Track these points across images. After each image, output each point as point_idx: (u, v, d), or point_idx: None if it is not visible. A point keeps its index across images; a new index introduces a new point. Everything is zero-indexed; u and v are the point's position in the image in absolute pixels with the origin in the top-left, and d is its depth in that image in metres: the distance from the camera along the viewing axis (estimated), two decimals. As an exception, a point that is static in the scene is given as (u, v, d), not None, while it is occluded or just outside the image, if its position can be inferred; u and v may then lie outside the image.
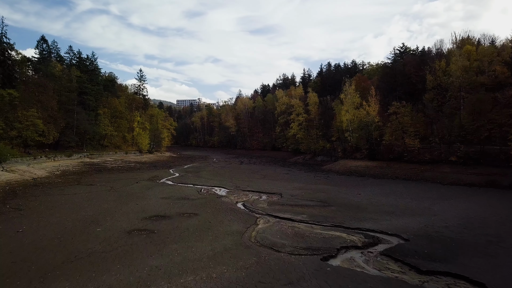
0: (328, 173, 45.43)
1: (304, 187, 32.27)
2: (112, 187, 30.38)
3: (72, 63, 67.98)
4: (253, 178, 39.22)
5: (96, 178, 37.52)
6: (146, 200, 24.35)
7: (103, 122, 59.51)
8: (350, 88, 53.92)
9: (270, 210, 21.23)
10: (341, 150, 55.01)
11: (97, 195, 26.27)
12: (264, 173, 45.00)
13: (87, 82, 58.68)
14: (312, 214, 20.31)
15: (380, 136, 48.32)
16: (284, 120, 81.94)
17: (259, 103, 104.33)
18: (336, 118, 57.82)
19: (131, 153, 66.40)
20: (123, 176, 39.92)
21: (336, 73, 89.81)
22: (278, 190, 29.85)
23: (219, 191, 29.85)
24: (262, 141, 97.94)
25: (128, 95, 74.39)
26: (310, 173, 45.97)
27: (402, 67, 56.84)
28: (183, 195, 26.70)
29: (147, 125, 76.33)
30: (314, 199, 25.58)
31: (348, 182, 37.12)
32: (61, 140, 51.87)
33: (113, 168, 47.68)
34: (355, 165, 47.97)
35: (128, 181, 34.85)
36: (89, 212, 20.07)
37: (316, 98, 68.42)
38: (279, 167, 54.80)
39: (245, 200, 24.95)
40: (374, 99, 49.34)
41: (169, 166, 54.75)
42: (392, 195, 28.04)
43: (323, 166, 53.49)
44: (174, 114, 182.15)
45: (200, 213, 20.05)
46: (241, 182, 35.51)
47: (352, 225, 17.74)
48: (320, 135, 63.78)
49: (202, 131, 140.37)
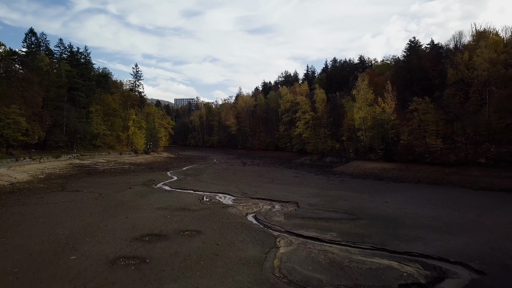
0: (341, 176, 41.80)
1: (320, 193, 28.62)
2: (100, 194, 26.63)
3: (63, 57, 64.12)
4: (260, 182, 35.55)
5: (84, 182, 33.73)
6: (138, 211, 20.62)
7: (95, 120, 55.67)
8: (363, 83, 50.29)
9: (289, 226, 17.56)
10: (353, 151, 51.41)
11: (81, 204, 22.52)
12: (271, 176, 41.33)
13: (78, 77, 54.82)
14: (343, 231, 16.67)
15: (397, 136, 44.72)
16: (288, 118, 78.24)
17: (261, 101, 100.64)
18: (346, 116, 54.24)
19: (125, 153, 62.59)
20: (115, 180, 36.15)
21: (342, 69, 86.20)
22: (292, 197, 26.19)
23: (224, 198, 26.15)
24: (264, 141, 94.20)
25: (123, 92, 70.52)
26: (321, 176, 42.32)
27: (418, 61, 53.23)
28: (183, 204, 22.99)
29: (143, 124, 72.50)
30: (337, 209, 21.93)
31: (367, 186, 33.50)
32: (49, 140, 48.06)
33: (105, 171, 43.88)
34: (370, 167, 44.35)
35: (119, 186, 31.10)
36: (67, 229, 16.34)
37: (323, 95, 64.79)
38: (286, 169, 51.14)
39: (256, 211, 21.27)
40: (391, 95, 45.72)
41: (167, 168, 51.00)
42: (425, 203, 24.43)
43: (334, 168, 49.85)
44: (172, 113, 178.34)
45: (204, 231, 16.36)
46: (247, 187, 31.82)
47: (399, 248, 14.10)
48: (328, 134, 60.17)
49: (201, 130, 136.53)
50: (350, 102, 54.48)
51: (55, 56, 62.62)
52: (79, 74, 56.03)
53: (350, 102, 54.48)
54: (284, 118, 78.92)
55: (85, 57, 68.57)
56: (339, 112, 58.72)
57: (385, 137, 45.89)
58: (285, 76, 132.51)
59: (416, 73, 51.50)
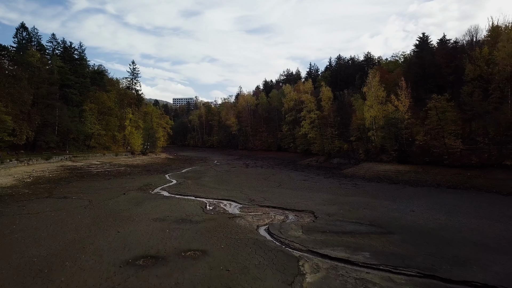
0: (353, 179, 39.18)
1: (336, 200, 25.98)
2: (90, 202, 23.94)
3: (56, 53, 61.27)
4: (267, 187, 32.88)
5: (74, 187, 31.00)
6: (132, 223, 17.93)
7: (89, 119, 52.89)
8: (374, 80, 47.67)
9: (311, 243, 14.90)
10: (363, 152, 48.80)
11: (67, 215, 19.82)
12: (277, 180, 38.68)
13: (71, 73, 52.06)
14: (376, 250, 14.03)
15: (412, 136, 42.15)
16: (292, 117, 75.70)
17: (263, 100, 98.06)
18: (355, 115, 51.64)
19: (122, 154, 59.84)
20: (108, 184, 33.43)
21: (348, 67, 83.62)
22: (306, 205, 23.55)
23: (230, 206, 23.47)
24: (266, 141, 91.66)
25: (119, 90, 67.73)
26: (331, 179, 39.68)
27: (431, 57, 50.67)
28: (183, 214, 20.31)
29: (141, 123, 69.80)
30: (360, 220, 19.29)
31: (384, 191, 30.89)
32: (39, 141, 45.29)
33: (99, 174, 41.14)
34: (384, 170, 41.73)
35: (113, 192, 28.40)
36: (44, 249, 13.65)
37: (329, 93, 62.19)
38: (292, 172, 48.48)
39: (269, 223, 18.60)
40: (405, 93, 43.11)
41: (165, 171, 48.29)
42: (456, 212, 21.82)
43: (343, 170, 47.22)
44: (170, 112, 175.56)
45: (210, 250, 13.68)
46: (254, 192, 29.15)
47: (453, 275, 11.47)
48: (335, 134, 57.57)
49: (200, 130, 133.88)
50: (359, 100, 51.92)
51: (48, 52, 59.78)
52: (72, 71, 53.28)
53: (359, 100, 51.92)
54: (288, 117, 76.38)
55: (80, 53, 65.90)
56: (347, 111, 56.15)
57: (399, 137, 43.32)
58: (286, 74, 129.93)
59: (430, 70, 48.90)
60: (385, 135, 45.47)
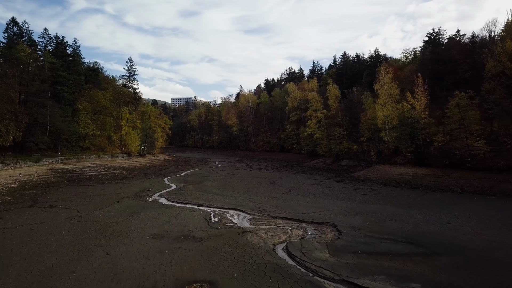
0: (367, 183, 36.51)
1: (356, 208, 23.31)
2: (79, 212, 21.21)
3: (48, 49, 58.44)
4: (276, 193, 30.18)
5: (63, 193, 28.24)
6: (125, 242, 15.22)
7: (82, 119, 50.04)
8: (386, 76, 44.99)
9: (343, 269, 12.20)
10: (375, 153, 46.13)
11: (49, 229, 17.10)
12: (286, 184, 35.99)
13: (63, 69, 49.23)
14: (427, 279, 11.39)
15: (429, 136, 39.50)
16: (297, 117, 72.94)
17: (265, 99, 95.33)
18: (366, 114, 48.96)
19: (118, 156, 57.04)
20: (101, 190, 30.67)
21: (354, 64, 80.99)
22: (325, 215, 20.87)
23: (238, 217, 20.75)
24: (269, 142, 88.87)
25: (115, 88, 64.88)
26: (344, 183, 36.99)
27: (447, 53, 48.05)
28: (185, 228, 17.60)
29: (138, 123, 66.97)
30: (393, 235, 16.62)
31: (405, 198, 28.25)
32: (28, 142, 42.46)
33: (92, 178, 38.36)
34: (399, 173, 39.06)
35: (106, 199, 25.68)
36: (11, 281, 10.96)
37: (337, 91, 59.47)
38: (299, 175, 45.78)
39: (286, 240, 15.91)
40: (421, 90, 40.44)
41: (164, 174, 45.54)
42: (497, 224, 19.21)
43: (354, 173, 44.55)
44: (169, 112, 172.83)
45: (220, 282, 11.00)
46: (263, 199, 26.45)
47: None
48: (344, 134, 54.86)
49: (200, 130, 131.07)
50: (370, 99, 49.22)
51: (39, 47, 56.93)
52: (64, 67, 50.42)
53: (370, 99, 49.22)
54: (292, 117, 73.60)
55: (74, 50, 63.08)
56: (356, 110, 53.47)
57: (415, 138, 40.64)
58: (288, 73, 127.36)
59: (446, 66, 46.23)
60: (399, 135, 42.82)
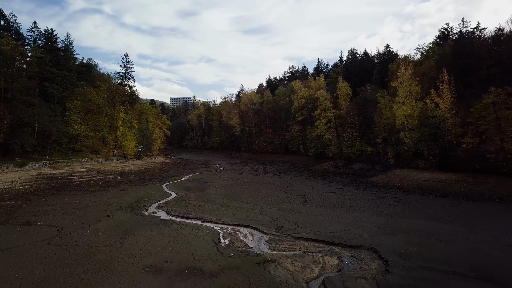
0: (389, 191, 33.05)
1: (390, 225, 19.85)
2: (60, 231, 17.72)
3: (38, 44, 54.91)
4: (291, 203, 26.71)
5: (46, 204, 24.71)
6: (110, 281, 11.73)
7: (74, 119, 46.48)
8: (406, 72, 41.59)
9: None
10: (393, 156, 42.71)
11: (15, 260, 13.59)
12: (298, 191, 32.51)
13: (52, 65, 45.66)
14: None
15: (456, 138, 36.14)
16: (303, 117, 69.62)
17: (268, 98, 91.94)
18: (381, 113, 45.60)
19: (112, 159, 53.49)
20: (91, 199, 27.13)
21: (363, 62, 77.63)
22: (357, 235, 17.42)
23: (252, 238, 17.26)
24: (272, 143, 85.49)
25: (110, 86, 61.28)
26: (363, 190, 33.52)
27: (470, 47, 44.69)
28: (190, 257, 14.11)
29: (135, 123, 63.46)
30: (455, 266, 13.20)
31: (439, 209, 24.84)
32: (12, 144, 38.90)
33: (82, 184, 34.82)
34: (424, 178, 35.65)
35: (94, 212, 22.18)
36: None
37: (348, 89, 56.10)
38: (311, 180, 42.30)
39: (321, 274, 12.45)
40: (446, 87, 37.07)
41: (162, 179, 42.01)
42: None
43: (371, 178, 41.13)
44: (167, 112, 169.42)
45: None
46: (277, 212, 22.98)
47: None
48: (356, 135, 51.47)
49: (199, 131, 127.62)
50: (386, 97, 45.85)
51: (28, 42, 53.42)
52: (53, 62, 46.83)
53: (386, 97, 45.85)
54: (298, 117, 70.23)
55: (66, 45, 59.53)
56: (369, 109, 50.10)
57: (440, 140, 37.27)
58: (291, 71, 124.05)
59: (470, 61, 42.82)
60: (420, 136, 39.48)
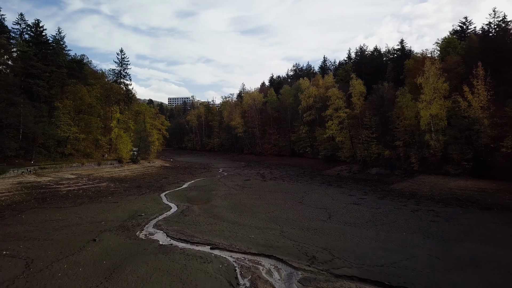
0: (421, 201, 29.11)
1: (449, 251, 15.96)
2: (27, 266, 13.76)
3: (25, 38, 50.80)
4: (314, 220, 22.74)
5: (21, 223, 20.68)
6: None
7: (62, 119, 42.42)
8: (432, 67, 37.69)
9: None
10: (417, 161, 38.78)
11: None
12: (318, 203, 28.55)
13: (37, 59, 41.58)
14: None
15: (493, 141, 32.25)
16: (311, 117, 65.70)
17: (272, 97, 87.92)
18: (402, 113, 41.74)
19: (106, 164, 49.43)
20: (76, 215, 23.10)
21: (374, 58, 73.77)
22: (415, 270, 13.46)
23: (279, 276, 13.31)
24: (277, 145, 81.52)
25: (104, 84, 57.22)
26: (390, 201, 29.54)
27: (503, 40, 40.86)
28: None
29: (131, 124, 59.43)
30: None
31: (492, 226, 20.94)
32: (-10, 148, 34.85)
33: (69, 194, 30.76)
34: (458, 187, 31.71)
35: (78, 234, 18.20)
36: None
37: (362, 87, 52.28)
38: (327, 187, 38.34)
39: None
40: (481, 84, 33.19)
41: (160, 186, 38.02)
42: None
43: (393, 185, 37.25)
44: (165, 112, 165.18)
45: None
46: (302, 234, 19.02)
47: None
48: (373, 137, 47.55)
49: (199, 132, 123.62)
50: (407, 95, 41.97)
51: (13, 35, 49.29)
52: (39, 56, 42.75)
53: (407, 95, 41.97)
54: (306, 117, 66.30)
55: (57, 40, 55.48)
56: (387, 109, 46.21)
57: (474, 143, 33.37)
58: (295, 69, 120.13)
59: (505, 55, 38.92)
60: (449, 139, 35.60)
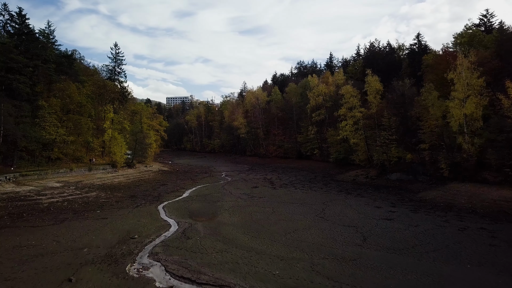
0: (460, 215, 25.09)
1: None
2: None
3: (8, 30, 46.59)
4: (346, 244, 18.67)
5: (-20, 252, 16.50)
6: None
7: (48, 120, 38.25)
8: (465, 61, 33.69)
9: None
10: (447, 166, 34.75)
11: None
12: (344, 219, 24.48)
13: (18, 52, 37.43)
14: None
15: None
16: (321, 117, 61.66)
17: (277, 96, 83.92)
18: (428, 112, 37.79)
19: (99, 168, 45.25)
20: (54, 237, 18.94)
21: (387, 54, 69.69)
22: None
23: None
24: (282, 146, 77.48)
25: (96, 81, 53.01)
26: (425, 214, 25.48)
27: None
28: None
29: (127, 125, 55.32)
30: None
31: None
32: (-37, 153, 30.66)
33: (50, 207, 26.59)
34: (502, 197, 27.68)
35: (48, 271, 14.10)
36: None
37: (378, 84, 48.34)
38: (346, 196, 34.27)
39: None
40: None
41: (158, 196, 33.88)
42: None
43: (420, 194, 33.27)
44: (163, 112, 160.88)
45: None
46: (341, 270, 14.97)
47: None
48: (392, 139, 43.52)
49: (199, 132, 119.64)
50: (433, 93, 37.97)
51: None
52: (21, 49, 38.59)
53: (433, 93, 37.97)
54: (315, 117, 62.26)
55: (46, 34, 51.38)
56: (408, 108, 42.22)
57: (519, 147, 29.37)
58: (299, 67, 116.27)
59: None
60: (486, 142, 31.63)
